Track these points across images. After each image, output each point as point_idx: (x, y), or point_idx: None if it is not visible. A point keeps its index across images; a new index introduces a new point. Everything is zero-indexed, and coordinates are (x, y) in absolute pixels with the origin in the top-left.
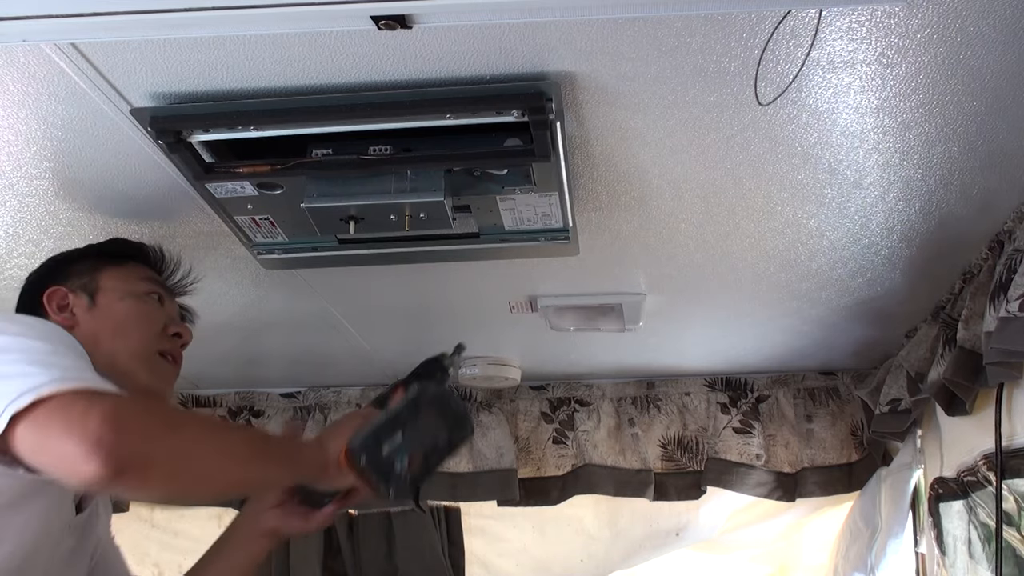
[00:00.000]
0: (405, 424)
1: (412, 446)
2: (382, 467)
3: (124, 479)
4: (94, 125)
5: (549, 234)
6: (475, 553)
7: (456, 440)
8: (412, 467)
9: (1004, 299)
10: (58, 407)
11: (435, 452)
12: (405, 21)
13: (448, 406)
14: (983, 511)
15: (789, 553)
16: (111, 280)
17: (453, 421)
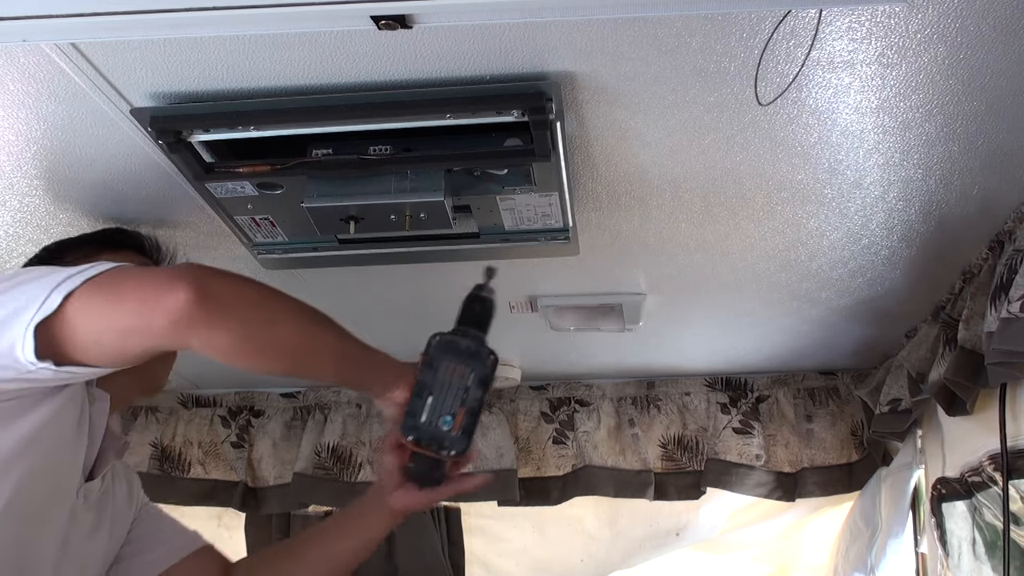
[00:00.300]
0: (431, 387)
1: (446, 404)
2: (433, 438)
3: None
4: (94, 125)
5: (549, 234)
6: (475, 553)
7: (481, 374)
8: (458, 421)
9: (1005, 299)
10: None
11: (469, 396)
12: (405, 21)
13: (459, 349)
14: (989, 511)
15: (789, 553)
16: None
17: (469, 359)
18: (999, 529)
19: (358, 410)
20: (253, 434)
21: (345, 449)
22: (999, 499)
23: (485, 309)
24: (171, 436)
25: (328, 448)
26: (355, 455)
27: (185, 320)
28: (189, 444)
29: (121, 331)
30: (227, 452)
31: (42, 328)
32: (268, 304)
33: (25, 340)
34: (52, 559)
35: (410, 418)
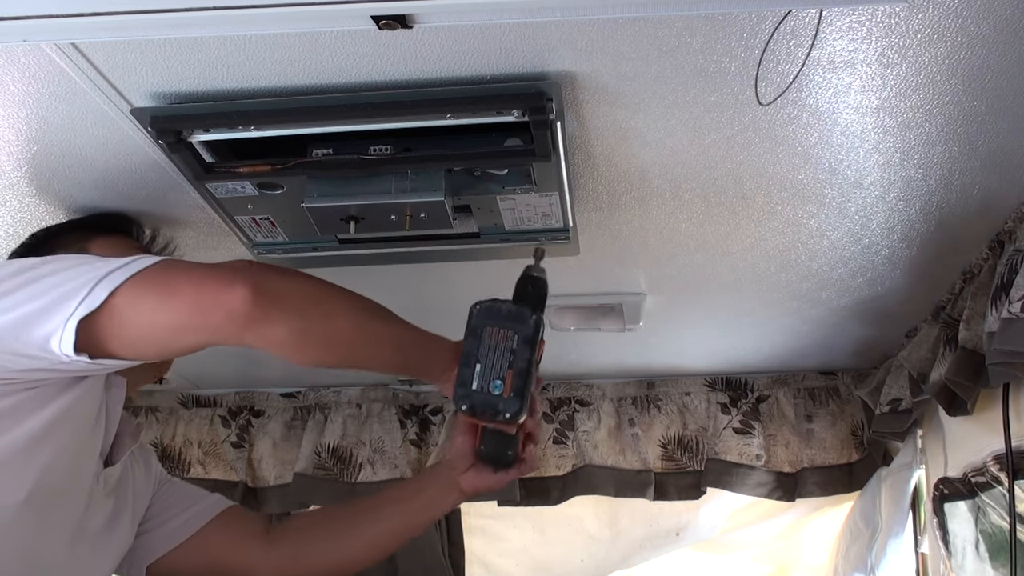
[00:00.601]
0: (477, 354)
1: (494, 368)
2: (485, 404)
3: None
4: (94, 125)
5: (549, 234)
6: (475, 553)
7: (525, 334)
8: (508, 384)
9: (1006, 300)
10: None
11: (516, 357)
12: (405, 21)
13: (499, 313)
14: (994, 512)
15: (789, 553)
16: (102, 249)
17: (511, 322)
18: (1005, 529)
19: (358, 410)
20: (253, 434)
21: (345, 449)
22: (1003, 499)
23: (538, 288)
24: (171, 436)
25: (328, 448)
26: (355, 455)
27: (243, 318)
28: (189, 444)
29: (174, 328)
30: (227, 452)
31: (83, 322)
32: (324, 298)
33: (64, 333)
34: (67, 546)
35: (461, 388)
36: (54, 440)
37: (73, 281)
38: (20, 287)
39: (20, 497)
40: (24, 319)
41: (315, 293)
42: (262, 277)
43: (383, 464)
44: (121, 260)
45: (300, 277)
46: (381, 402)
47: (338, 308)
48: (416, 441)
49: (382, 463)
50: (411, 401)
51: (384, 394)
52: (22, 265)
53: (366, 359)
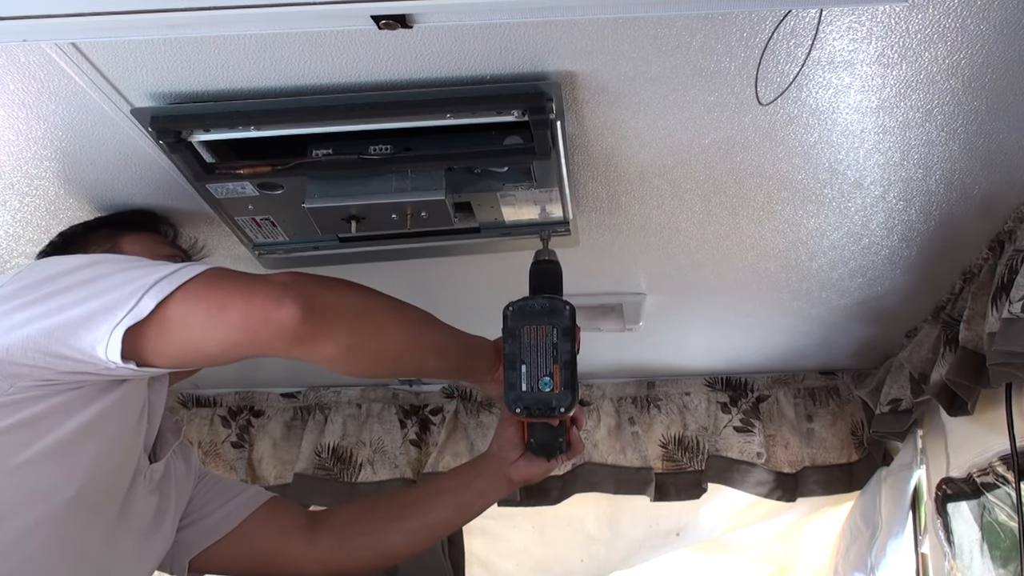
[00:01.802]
0: (520, 355)
1: (540, 366)
2: (539, 402)
3: (315, 320)
4: (94, 125)
5: (549, 227)
6: (475, 553)
7: (563, 326)
8: (556, 379)
9: (1006, 300)
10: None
11: (559, 351)
12: (405, 21)
13: (534, 311)
14: (1001, 511)
15: (789, 553)
16: (134, 245)
17: (548, 317)
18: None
19: (358, 410)
20: (253, 434)
21: (345, 449)
22: (1010, 498)
23: (552, 273)
24: None
25: (328, 448)
26: (355, 455)
27: (293, 334)
28: (189, 444)
29: (223, 342)
30: (227, 452)
31: (130, 331)
32: (373, 311)
33: (110, 342)
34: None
35: (511, 392)
36: (100, 437)
37: (120, 289)
38: (66, 290)
39: (69, 494)
40: (70, 324)
41: (364, 306)
42: (312, 292)
43: (383, 464)
44: (169, 267)
45: (348, 289)
46: (381, 402)
47: (387, 321)
48: (416, 441)
49: (382, 463)
50: (411, 401)
51: (384, 394)
52: (66, 266)
53: (413, 369)
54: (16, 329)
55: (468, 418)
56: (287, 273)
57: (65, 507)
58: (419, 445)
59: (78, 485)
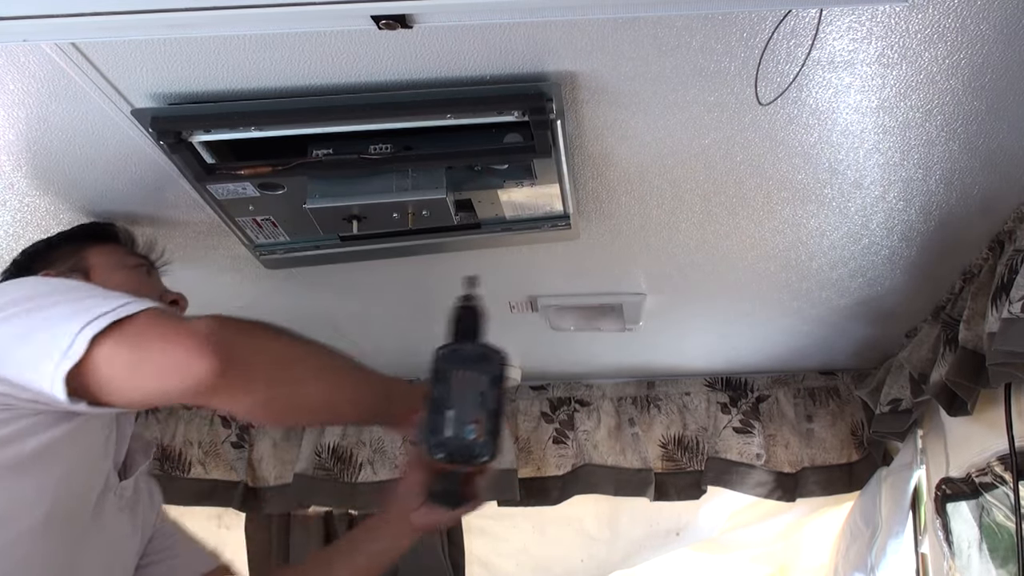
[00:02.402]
0: (448, 401)
1: (466, 413)
2: (462, 450)
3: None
4: (94, 125)
5: (550, 221)
6: (475, 553)
7: (494, 374)
8: (481, 427)
9: (1006, 300)
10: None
11: (487, 399)
12: (405, 21)
13: (465, 356)
14: (999, 511)
15: (789, 553)
16: (100, 256)
17: (480, 365)
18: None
19: None
20: (253, 434)
21: (345, 449)
22: (1008, 499)
23: (475, 317)
24: (171, 436)
25: (328, 448)
26: (355, 455)
27: (207, 388)
28: (189, 444)
29: (143, 390)
30: (227, 452)
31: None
32: (293, 366)
33: (54, 385)
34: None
35: (433, 436)
36: (68, 456)
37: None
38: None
39: (45, 508)
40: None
41: (284, 360)
42: (231, 344)
43: (383, 464)
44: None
45: (270, 341)
46: None
47: (307, 374)
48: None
49: (382, 463)
50: None
51: None
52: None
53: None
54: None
55: None
56: (210, 321)
57: (43, 521)
58: None
59: (48, 504)
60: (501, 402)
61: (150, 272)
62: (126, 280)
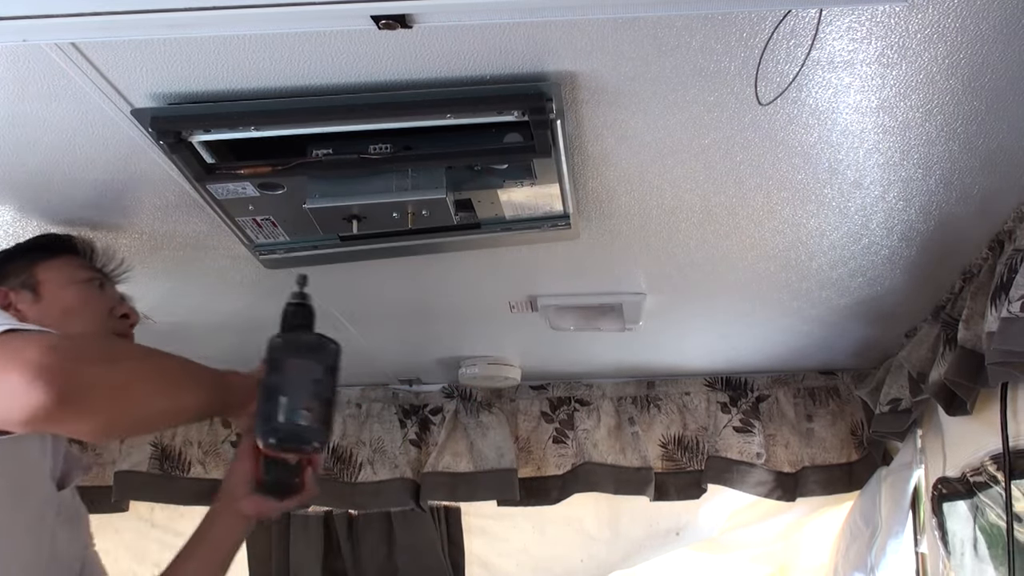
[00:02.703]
0: (281, 387)
1: (298, 399)
2: (293, 435)
3: (68, 405)
4: (94, 125)
5: (550, 221)
6: (475, 553)
7: (327, 364)
8: (314, 414)
9: (1005, 299)
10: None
11: (321, 387)
12: (405, 21)
13: (300, 344)
14: (992, 511)
15: (789, 553)
16: (49, 272)
17: (314, 353)
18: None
19: (358, 410)
20: None
21: (345, 449)
22: (1001, 498)
23: (306, 313)
24: (171, 436)
25: (328, 448)
26: (355, 455)
27: (45, 419)
28: (189, 444)
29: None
30: (227, 452)
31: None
32: (131, 382)
33: None
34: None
35: (265, 422)
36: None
37: None
38: None
39: None
40: None
41: (120, 377)
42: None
43: (383, 464)
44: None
45: (105, 360)
46: (381, 402)
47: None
48: (416, 441)
49: (382, 463)
50: (411, 401)
51: (384, 394)
52: None
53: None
54: None
55: (468, 418)
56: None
57: None
58: (419, 445)
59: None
60: (334, 391)
61: (103, 285)
62: (75, 296)
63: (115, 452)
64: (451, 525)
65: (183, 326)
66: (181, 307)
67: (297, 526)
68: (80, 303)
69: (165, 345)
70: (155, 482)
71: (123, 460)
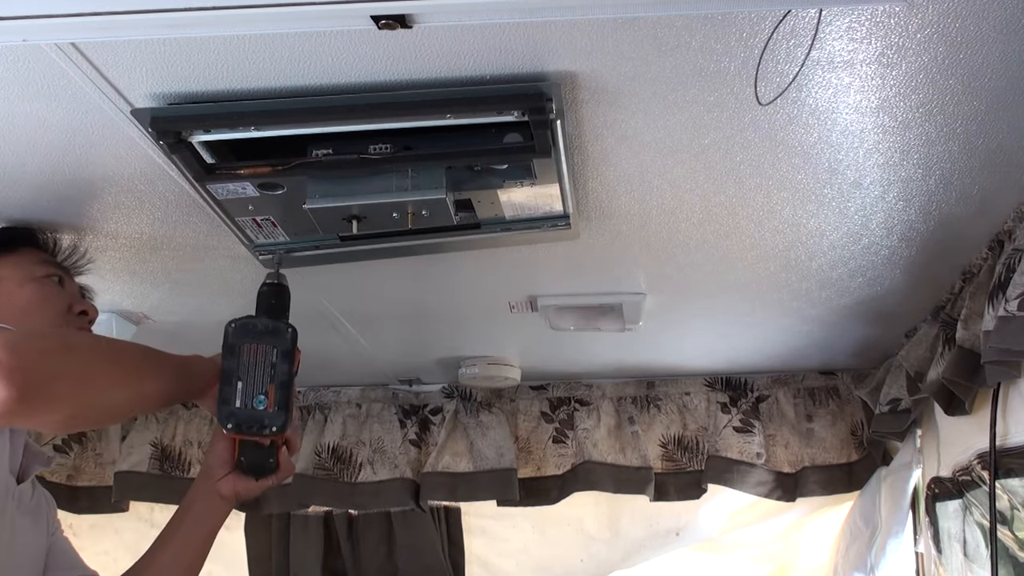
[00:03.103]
0: (237, 372)
1: (256, 384)
2: (251, 420)
3: (31, 400)
4: (94, 125)
5: (550, 221)
6: (475, 553)
7: (284, 348)
8: (271, 398)
9: (1003, 298)
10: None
11: (277, 371)
12: (405, 21)
13: (255, 330)
14: (978, 510)
15: (789, 553)
16: (6, 269)
17: (269, 337)
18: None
19: (358, 410)
20: None
21: (345, 449)
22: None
23: (282, 296)
24: (171, 436)
25: (328, 448)
26: (355, 455)
27: (7, 414)
28: (189, 444)
29: None
30: None
31: None
32: (94, 375)
33: None
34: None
35: (224, 407)
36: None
37: None
38: None
39: None
40: None
41: (82, 369)
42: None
43: (383, 464)
44: None
45: (66, 353)
46: (381, 402)
47: (107, 378)
48: (416, 441)
49: (382, 463)
50: (411, 401)
51: (384, 394)
52: None
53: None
54: None
55: (468, 418)
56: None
57: None
58: (419, 445)
59: None
60: (291, 375)
61: (62, 280)
62: (32, 293)
63: (115, 452)
64: (451, 525)
65: (183, 326)
66: (181, 307)
67: (297, 526)
68: (37, 301)
69: (166, 346)
70: (155, 482)
71: (123, 460)
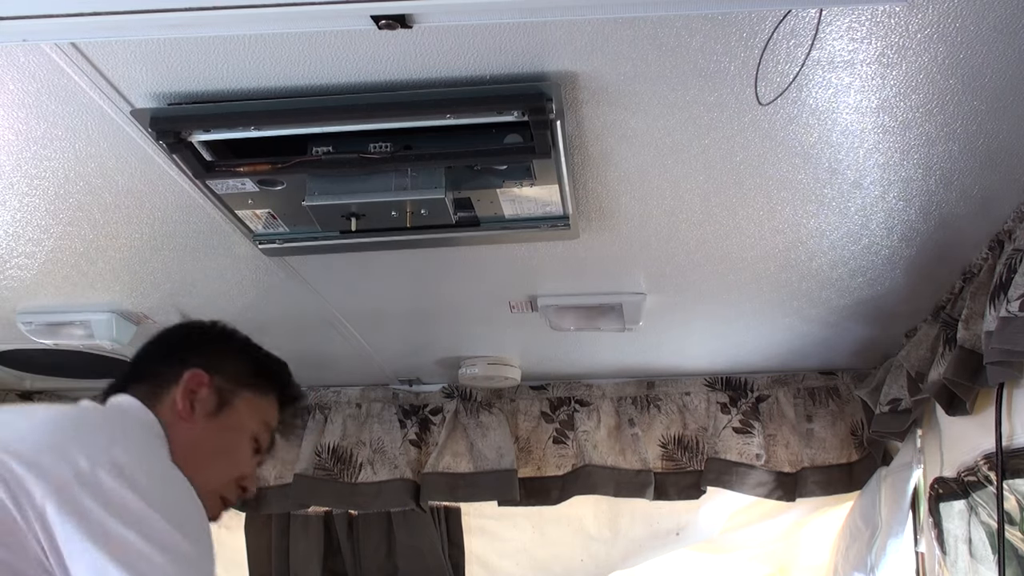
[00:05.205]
0: None
1: None
2: None
3: None
4: (94, 125)
5: (549, 221)
6: (475, 553)
7: None
8: None
9: (1004, 299)
10: None
11: None
12: (405, 21)
13: None
14: (984, 511)
15: (789, 553)
16: (246, 406)
17: None
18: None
19: (358, 410)
20: None
21: (345, 450)
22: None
23: None
24: None
25: (328, 449)
26: (355, 455)
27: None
28: None
29: None
30: None
31: None
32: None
33: None
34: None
35: None
36: None
37: None
38: None
39: None
40: None
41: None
42: None
43: (383, 464)
44: None
45: None
46: (381, 402)
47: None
48: (416, 441)
49: (382, 463)
50: (411, 401)
51: (384, 394)
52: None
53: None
54: None
55: (468, 418)
56: None
57: None
58: (419, 445)
59: None
60: None
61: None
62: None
63: None
64: (451, 525)
65: None
66: (181, 307)
67: (297, 526)
68: (230, 457)
69: None
70: None
71: None
